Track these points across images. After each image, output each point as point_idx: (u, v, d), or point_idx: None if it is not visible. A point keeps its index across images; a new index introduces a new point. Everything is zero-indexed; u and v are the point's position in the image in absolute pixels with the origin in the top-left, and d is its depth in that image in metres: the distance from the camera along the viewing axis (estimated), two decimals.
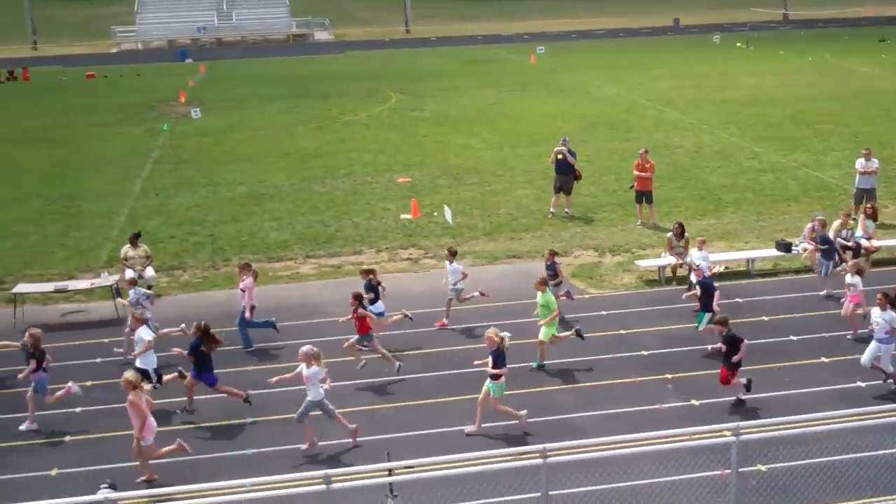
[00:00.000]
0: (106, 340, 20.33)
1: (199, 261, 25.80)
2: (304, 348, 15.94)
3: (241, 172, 35.49)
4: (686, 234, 23.08)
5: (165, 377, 17.50)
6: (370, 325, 18.47)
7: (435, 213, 28.85)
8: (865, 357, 17.20)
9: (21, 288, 22.86)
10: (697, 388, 17.34)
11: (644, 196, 27.38)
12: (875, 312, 17.11)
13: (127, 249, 23.51)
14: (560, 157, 28.43)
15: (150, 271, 23.42)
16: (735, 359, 16.46)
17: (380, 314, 19.55)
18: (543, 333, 18.45)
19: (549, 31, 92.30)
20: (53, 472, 15.38)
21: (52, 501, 11.27)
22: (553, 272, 20.57)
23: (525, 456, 12.97)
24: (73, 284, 23.14)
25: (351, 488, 12.10)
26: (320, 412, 15.89)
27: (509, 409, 16.23)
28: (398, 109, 48.64)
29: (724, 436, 12.25)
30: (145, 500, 13.23)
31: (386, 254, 25.86)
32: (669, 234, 23.26)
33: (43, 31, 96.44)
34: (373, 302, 19.54)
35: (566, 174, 28.46)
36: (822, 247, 21.88)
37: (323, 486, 10.49)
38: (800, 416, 13.61)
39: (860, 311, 19.05)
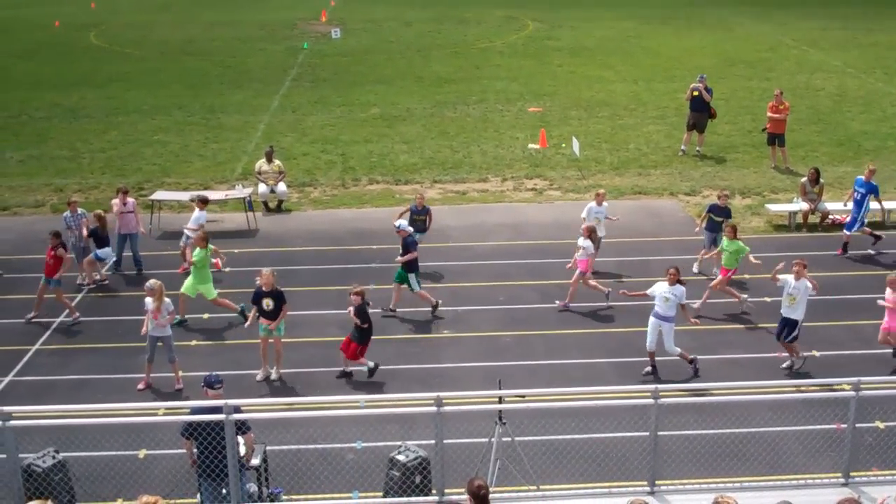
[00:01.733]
0: (237, 251, 21.07)
1: (329, 179, 26.36)
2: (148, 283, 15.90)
3: (376, 94, 35.88)
4: (821, 181, 22.45)
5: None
6: None
7: (563, 145, 28.72)
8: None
9: (159, 195, 23.83)
10: (818, 338, 17.02)
11: (777, 138, 26.67)
12: None
13: (261, 164, 24.27)
14: (696, 93, 27.82)
15: (282, 186, 24.13)
16: None
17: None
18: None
19: None
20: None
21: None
22: (728, 215, 19.71)
23: (637, 394, 13.08)
24: (208, 194, 23.93)
25: (461, 412, 12.47)
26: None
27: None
28: (534, 38, 48.17)
29: (844, 389, 12.09)
30: (264, 406, 13.80)
31: (511, 182, 25.93)
32: (804, 180, 22.66)
33: None
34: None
35: (701, 112, 27.87)
36: None
37: (434, 408, 10.77)
38: None
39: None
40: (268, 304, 15.86)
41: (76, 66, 41.49)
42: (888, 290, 15.95)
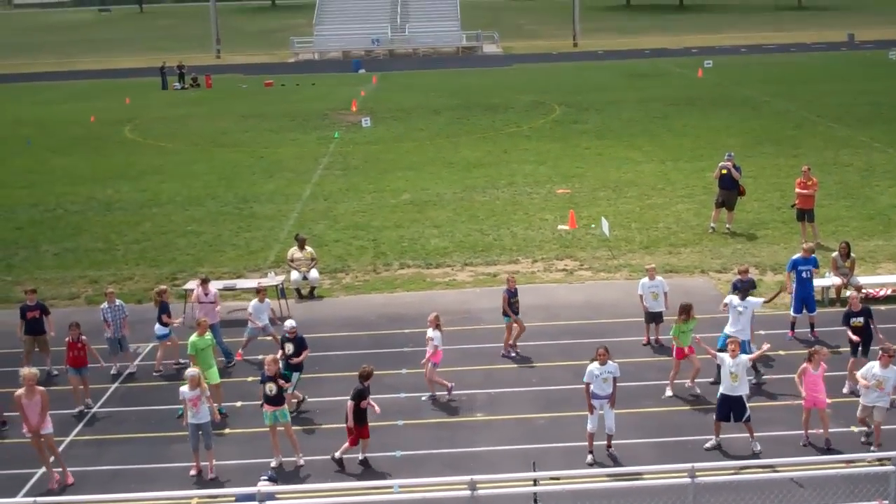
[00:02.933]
0: (268, 338, 21.17)
1: (361, 264, 26.57)
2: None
3: (406, 180, 36.31)
4: (852, 255, 22.37)
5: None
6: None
7: (592, 226, 28.84)
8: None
9: (192, 284, 24.04)
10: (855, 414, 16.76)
11: (806, 214, 26.68)
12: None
13: (294, 251, 24.54)
14: (724, 171, 27.95)
15: (314, 273, 24.35)
16: None
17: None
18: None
19: (718, 45, 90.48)
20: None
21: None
22: (752, 285, 20.09)
23: (674, 474, 12.92)
24: (241, 283, 24.19)
25: (496, 496, 12.36)
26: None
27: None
28: (561, 122, 48.71)
29: (885, 465, 11.91)
30: (298, 495, 13.75)
31: (541, 264, 26.02)
32: (835, 254, 22.58)
33: (226, 41, 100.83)
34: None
35: (730, 189, 27.97)
36: None
37: (468, 492, 10.70)
38: None
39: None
40: (270, 389, 15.92)
41: (111, 160, 42.37)
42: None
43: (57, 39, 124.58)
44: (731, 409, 15.82)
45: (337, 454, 15.98)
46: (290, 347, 17.93)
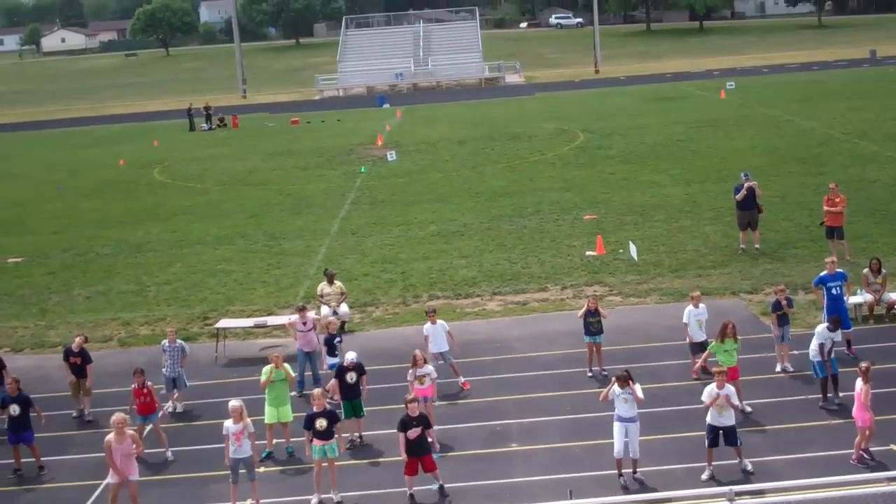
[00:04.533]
0: (295, 375, 21.22)
1: (390, 297, 26.66)
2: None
3: (433, 212, 36.46)
4: (884, 271, 22.23)
5: None
6: None
7: (620, 250, 28.82)
8: None
9: (223, 323, 24.26)
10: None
11: (835, 231, 26.54)
12: None
13: (323, 286, 24.67)
14: (746, 192, 27.80)
15: (344, 307, 24.45)
16: None
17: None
18: None
19: (739, 66, 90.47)
20: None
21: None
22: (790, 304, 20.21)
23: (712, 498, 12.87)
24: (271, 320, 24.30)
25: None
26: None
27: None
28: (585, 148, 48.79)
29: None
30: None
31: (571, 290, 26.01)
32: (866, 271, 22.45)
33: (252, 81, 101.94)
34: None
35: (751, 209, 27.86)
36: None
37: None
38: None
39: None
40: (321, 424, 15.96)
41: (141, 203, 42.86)
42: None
43: (86, 85, 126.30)
44: (716, 435, 15.85)
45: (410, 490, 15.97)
46: (352, 376, 17.98)
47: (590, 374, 20.26)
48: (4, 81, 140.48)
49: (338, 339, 20.28)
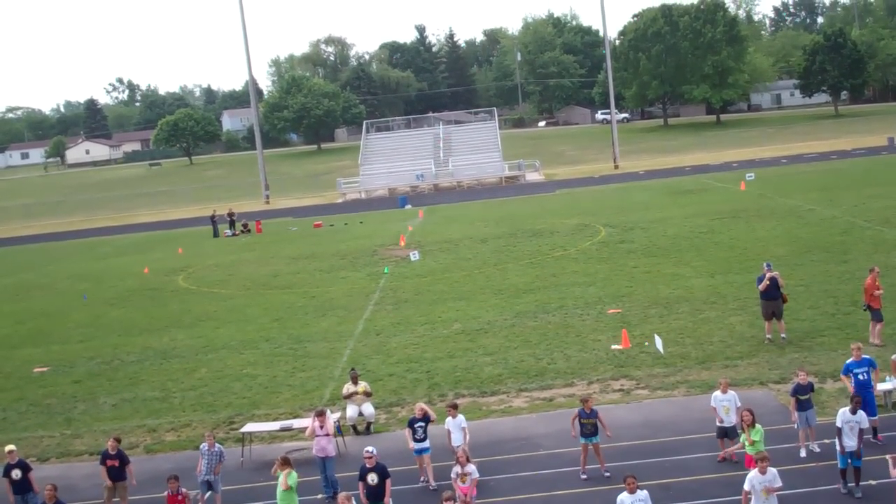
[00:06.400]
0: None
1: (416, 397, 26.50)
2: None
3: (457, 310, 36.47)
4: None
5: None
6: None
7: (646, 343, 28.66)
8: None
9: (249, 427, 24.18)
10: None
11: (873, 313, 26.46)
12: None
13: (348, 386, 24.60)
14: (768, 282, 27.77)
15: (369, 408, 24.33)
16: None
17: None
18: None
19: (758, 157, 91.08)
20: None
21: None
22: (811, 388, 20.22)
23: None
24: (297, 423, 24.17)
25: None
26: None
27: None
28: (607, 242, 48.93)
29: None
30: None
31: (597, 385, 25.81)
32: (894, 356, 22.19)
33: (274, 187, 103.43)
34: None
35: (776, 299, 27.77)
36: None
37: None
38: None
39: None
40: (372, 479, 15.83)
41: (166, 309, 43.13)
42: None
43: (110, 195, 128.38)
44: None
45: None
46: (373, 478, 17.65)
47: (584, 477, 19.88)
48: (30, 194, 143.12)
49: (419, 423, 20.11)
